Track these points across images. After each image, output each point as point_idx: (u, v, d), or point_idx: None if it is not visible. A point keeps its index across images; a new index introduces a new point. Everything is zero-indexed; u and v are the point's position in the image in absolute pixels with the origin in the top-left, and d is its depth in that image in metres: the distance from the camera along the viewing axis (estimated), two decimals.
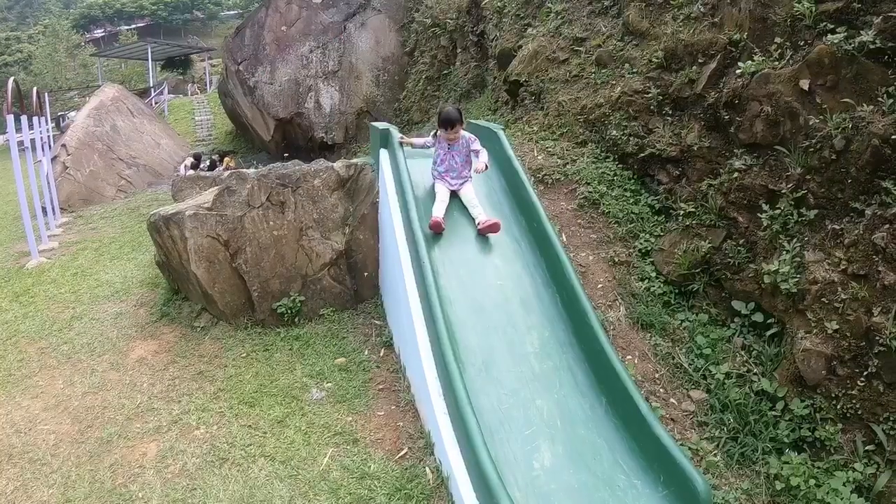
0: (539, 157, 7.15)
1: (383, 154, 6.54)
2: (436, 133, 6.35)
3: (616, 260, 6.08)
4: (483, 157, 6.03)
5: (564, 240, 6.14)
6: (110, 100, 21.34)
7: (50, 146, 15.62)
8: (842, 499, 4.06)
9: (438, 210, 5.89)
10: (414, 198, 5.79)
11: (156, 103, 34.45)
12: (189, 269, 6.09)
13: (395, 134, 6.60)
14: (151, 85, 39.63)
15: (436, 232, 5.74)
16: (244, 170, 6.79)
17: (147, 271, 8.00)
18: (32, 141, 12.00)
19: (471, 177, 6.28)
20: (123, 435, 4.97)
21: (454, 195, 6.20)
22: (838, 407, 4.45)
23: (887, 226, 4.39)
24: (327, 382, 5.42)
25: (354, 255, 6.51)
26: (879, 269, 4.37)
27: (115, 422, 5.13)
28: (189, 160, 17.70)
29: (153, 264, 7.52)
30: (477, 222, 5.88)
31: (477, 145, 6.19)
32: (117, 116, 20.75)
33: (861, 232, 4.56)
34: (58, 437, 4.98)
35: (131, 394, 5.48)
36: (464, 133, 6.20)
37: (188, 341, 6.18)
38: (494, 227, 5.76)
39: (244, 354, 5.85)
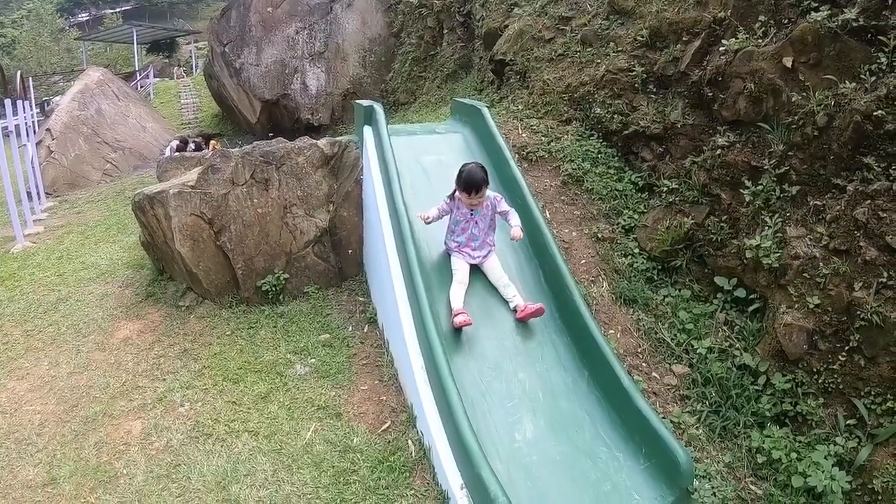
0: (523, 135, 7.15)
1: (367, 131, 6.51)
2: (452, 195, 5.25)
3: (599, 236, 6.10)
4: (517, 220, 5.11)
5: (548, 216, 6.16)
6: (95, 83, 21.11)
7: (34, 131, 15.49)
8: (823, 472, 4.09)
9: (458, 297, 4.91)
10: (398, 176, 5.77)
11: (141, 87, 34.15)
12: (174, 248, 6.07)
13: (380, 111, 6.56)
14: (137, 68, 39.23)
15: (458, 327, 4.74)
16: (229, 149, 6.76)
17: (132, 253, 7.96)
18: (17, 126, 11.91)
19: (495, 245, 5.35)
20: (108, 413, 4.99)
21: (473, 269, 5.24)
22: (820, 381, 4.49)
23: (869, 201, 4.43)
24: (311, 358, 5.44)
25: (338, 232, 6.50)
26: (861, 244, 4.41)
27: (100, 401, 5.14)
28: (175, 143, 17.60)
29: (139, 246, 7.50)
30: (512, 306, 4.96)
31: (504, 205, 5.24)
32: (102, 100, 20.55)
33: (843, 208, 4.60)
34: (43, 417, 5.00)
35: (116, 373, 5.48)
36: (488, 193, 5.19)
37: (173, 320, 6.16)
38: (539, 313, 4.83)
39: (229, 332, 5.85)
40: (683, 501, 3.91)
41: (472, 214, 5.16)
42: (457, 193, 5.18)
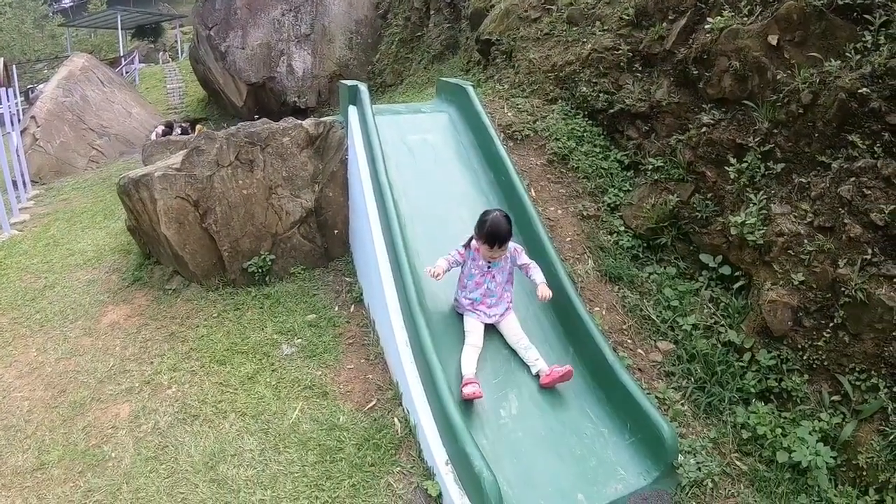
0: (509, 114, 7.13)
1: (352, 110, 6.48)
2: (468, 244, 4.70)
3: (585, 214, 6.10)
4: (541, 276, 4.63)
5: (533, 194, 6.15)
6: (80, 69, 20.91)
7: (19, 119, 15.35)
8: (808, 448, 4.10)
9: (470, 363, 4.36)
10: (383, 155, 5.75)
11: (126, 72, 33.81)
12: (159, 231, 6.05)
13: (364, 91, 6.54)
14: (122, 54, 38.80)
15: (466, 399, 4.17)
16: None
17: (119, 238, 7.93)
18: (1, 114, 11.82)
19: (512, 301, 4.83)
20: (96, 398, 5.01)
21: (488, 329, 4.69)
22: (804, 358, 4.50)
23: (853, 179, 4.45)
24: (297, 338, 5.44)
25: (324, 212, 6.47)
26: (845, 221, 4.42)
27: (87, 385, 5.16)
28: (160, 128, 17.49)
29: (125, 231, 7.45)
30: (535, 371, 4.45)
31: (525, 257, 4.73)
32: (87, 86, 20.36)
33: (827, 185, 4.62)
34: (31, 404, 5.01)
35: (104, 357, 5.49)
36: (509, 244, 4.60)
37: (160, 304, 6.15)
38: (567, 377, 4.34)
39: (215, 314, 5.84)
40: (668, 476, 3.96)
41: (489, 268, 4.62)
42: (473, 243, 4.64)
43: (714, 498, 4.00)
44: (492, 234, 4.43)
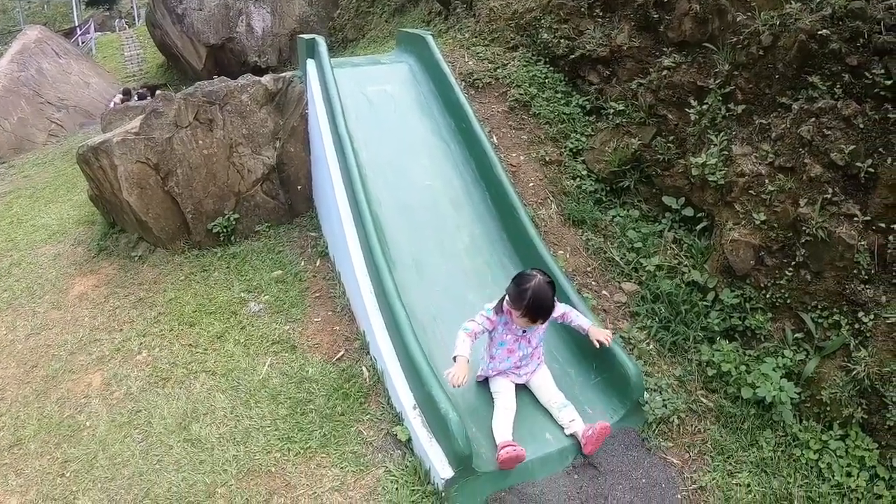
0: (470, 63, 7.06)
1: (310, 64, 6.43)
2: (499, 307, 3.88)
3: (547, 159, 6.08)
4: (586, 320, 4.12)
5: (495, 141, 6.13)
6: (33, 42, 20.31)
7: None
8: (772, 383, 4.14)
9: (505, 426, 3.75)
10: (342, 107, 5.69)
11: (83, 42, 32.86)
12: (121, 198, 5.98)
13: (322, 43, 6.44)
14: (76, 24, 37.67)
15: (505, 465, 3.58)
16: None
17: (82, 210, 7.85)
18: None
19: (543, 355, 4.18)
20: (68, 369, 5.03)
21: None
22: (767, 296, 4.54)
23: (813, 119, 4.45)
24: (264, 295, 5.47)
25: (286, 168, 6.44)
26: (806, 161, 4.44)
27: (59, 358, 5.17)
28: (118, 97, 17.13)
29: (88, 203, 7.38)
30: (569, 433, 3.85)
31: (559, 306, 4.06)
32: (42, 59, 19.81)
33: (788, 126, 4.62)
34: (3, 382, 5.02)
35: (73, 329, 5.49)
36: None
37: (127, 272, 6.14)
38: (604, 431, 3.74)
39: (182, 277, 5.84)
40: (635, 414, 4.03)
41: (524, 332, 3.93)
42: (505, 306, 3.82)
43: (681, 434, 4.08)
44: (535, 308, 3.69)
